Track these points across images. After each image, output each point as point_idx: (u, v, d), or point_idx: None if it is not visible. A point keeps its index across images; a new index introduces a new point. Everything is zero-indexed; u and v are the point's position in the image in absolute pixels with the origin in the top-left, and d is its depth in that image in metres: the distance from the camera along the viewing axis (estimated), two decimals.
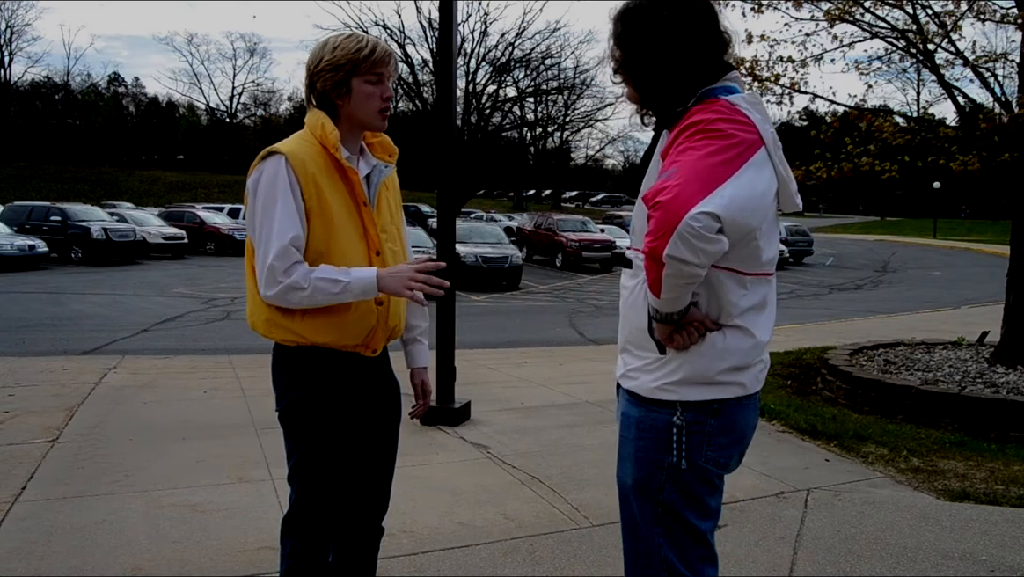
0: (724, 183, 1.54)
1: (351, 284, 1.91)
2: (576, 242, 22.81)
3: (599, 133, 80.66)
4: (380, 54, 2.02)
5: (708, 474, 1.76)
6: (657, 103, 1.80)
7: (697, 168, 1.54)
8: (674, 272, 1.55)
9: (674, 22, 1.72)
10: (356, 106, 2.03)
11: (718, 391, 1.72)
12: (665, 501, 1.76)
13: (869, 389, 5.91)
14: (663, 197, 1.52)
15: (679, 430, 1.73)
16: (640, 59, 1.77)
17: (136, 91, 76.46)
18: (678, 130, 1.65)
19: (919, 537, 3.44)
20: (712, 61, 1.75)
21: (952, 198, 54.64)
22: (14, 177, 48.07)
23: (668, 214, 1.50)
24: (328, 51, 2.02)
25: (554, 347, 9.68)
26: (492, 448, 4.78)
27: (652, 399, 1.76)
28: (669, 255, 1.52)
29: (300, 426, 2.06)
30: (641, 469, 1.78)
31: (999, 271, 9.64)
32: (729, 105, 1.66)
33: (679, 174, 1.54)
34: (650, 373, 1.77)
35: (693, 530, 1.77)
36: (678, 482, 1.74)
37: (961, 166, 7.07)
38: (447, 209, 5.63)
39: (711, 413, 1.73)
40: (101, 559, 3.08)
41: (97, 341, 9.24)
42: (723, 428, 1.75)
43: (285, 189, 1.92)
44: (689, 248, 1.51)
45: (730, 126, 1.61)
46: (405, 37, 40.01)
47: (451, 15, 5.53)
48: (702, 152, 1.56)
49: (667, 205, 1.51)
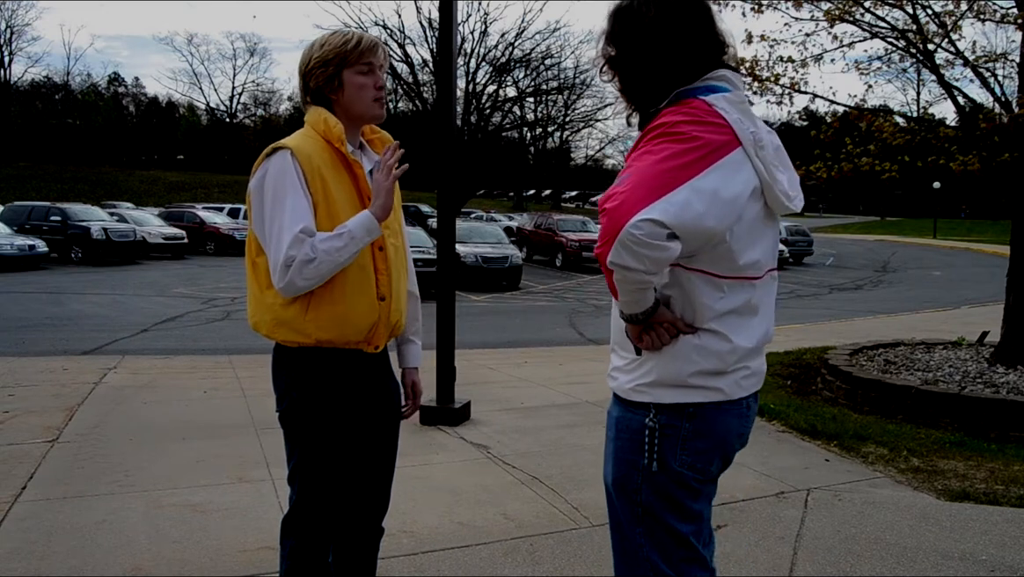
0: (678, 187, 1.51)
1: (353, 230, 1.92)
2: (576, 242, 22.79)
3: (599, 133, 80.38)
4: (367, 44, 2.05)
5: (684, 478, 1.72)
6: (636, 103, 1.79)
7: (648, 174, 1.52)
8: (621, 278, 1.56)
9: (659, 23, 1.69)
10: (350, 98, 2.05)
11: (692, 394, 1.69)
12: (643, 502, 1.74)
13: (869, 389, 5.91)
14: (609, 204, 1.52)
15: (651, 432, 1.71)
16: (622, 59, 1.76)
17: (136, 91, 76.54)
18: (642, 133, 1.64)
19: (919, 537, 3.44)
20: (695, 62, 1.71)
21: (952, 198, 54.63)
22: (14, 177, 48.09)
23: (611, 222, 1.51)
24: (316, 49, 2.05)
25: (554, 347, 9.67)
26: (492, 448, 4.78)
27: (628, 400, 1.76)
28: (612, 262, 1.52)
29: (301, 427, 2.06)
30: (620, 469, 1.78)
31: (999, 271, 9.65)
32: (704, 106, 1.62)
33: (629, 180, 1.53)
34: (628, 373, 1.77)
35: (673, 532, 1.74)
36: (653, 484, 1.73)
37: (961, 166, 7.07)
38: (447, 209, 5.63)
39: (686, 417, 1.70)
40: (101, 559, 3.08)
41: (97, 341, 9.24)
42: (700, 432, 1.71)
43: (294, 182, 1.94)
44: (631, 255, 1.50)
45: (695, 128, 1.57)
46: (405, 37, 40.10)
47: (451, 15, 5.53)
48: (658, 156, 1.54)
49: (611, 213, 1.51)
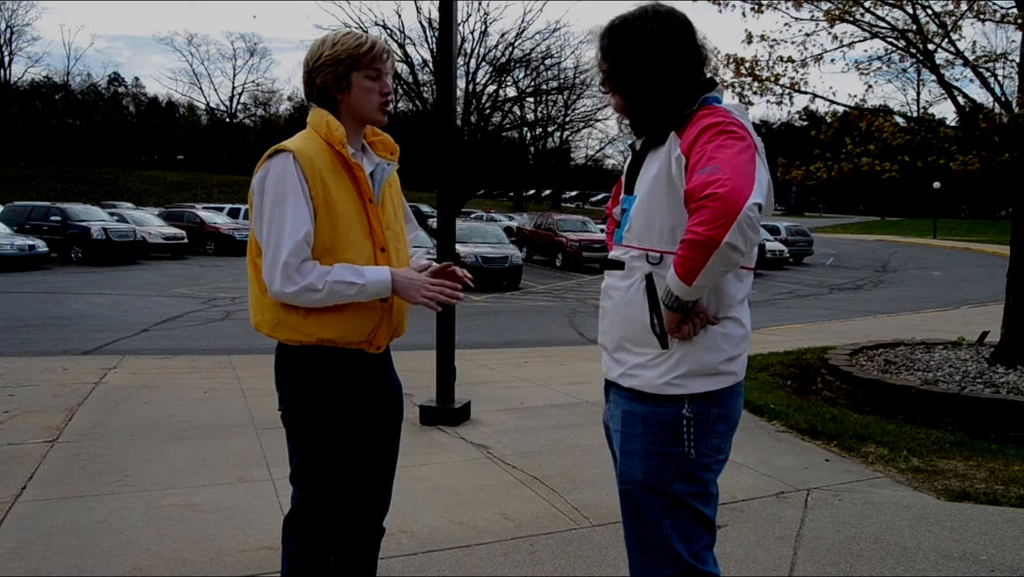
0: (755, 179, 1.64)
1: (366, 287, 1.94)
2: (576, 242, 22.80)
3: (599, 133, 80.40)
4: (379, 50, 2.06)
5: (710, 460, 1.85)
6: (657, 107, 1.86)
7: (737, 163, 1.63)
8: (723, 259, 1.62)
9: (660, 35, 1.84)
10: (356, 100, 2.05)
11: (719, 381, 1.83)
12: (674, 492, 1.83)
13: (869, 389, 5.91)
14: (719, 189, 1.59)
15: (688, 422, 1.81)
16: (631, 69, 1.87)
17: (136, 91, 76.61)
18: (697, 130, 1.73)
19: (919, 537, 3.44)
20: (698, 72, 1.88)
21: (952, 198, 54.68)
22: (14, 177, 48.10)
23: (727, 205, 1.58)
24: (328, 47, 2.04)
25: (554, 347, 9.67)
26: (492, 448, 4.78)
27: (659, 395, 1.82)
28: (729, 243, 1.59)
29: (303, 426, 2.07)
30: (650, 463, 1.84)
31: (999, 271, 9.65)
32: (727, 112, 1.78)
33: (724, 169, 1.61)
34: (654, 369, 1.83)
35: (702, 517, 1.85)
36: (685, 472, 1.83)
37: (961, 166, 7.07)
38: (447, 209, 5.63)
39: (712, 403, 1.83)
40: (101, 559, 3.08)
41: (97, 341, 9.24)
42: (722, 416, 1.86)
43: (295, 185, 1.94)
44: (743, 236, 1.59)
45: (740, 129, 1.71)
46: (405, 37, 40.09)
47: (451, 15, 5.53)
48: (733, 150, 1.65)
49: (726, 196, 1.58)
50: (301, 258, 1.92)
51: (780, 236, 28.00)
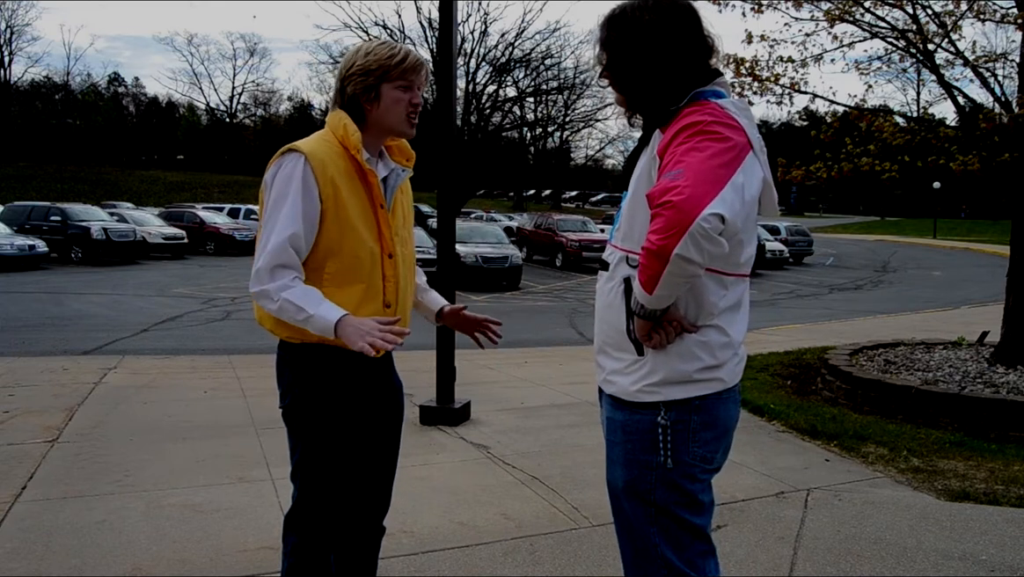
0: (725, 186, 1.55)
1: (313, 318, 1.88)
2: (576, 242, 22.80)
3: (599, 133, 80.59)
4: (411, 62, 2.03)
5: (695, 470, 1.77)
6: (646, 103, 1.80)
7: (702, 168, 1.54)
8: (677, 271, 1.55)
9: (657, 25, 1.75)
10: (384, 111, 2.04)
11: (698, 388, 1.74)
12: (657, 501, 1.77)
13: (869, 389, 5.91)
14: (674, 197, 1.52)
15: (664, 429, 1.75)
16: (626, 61, 1.80)
17: (136, 91, 76.64)
18: (675, 129, 1.65)
19: (919, 537, 3.44)
20: (699, 64, 1.78)
21: (952, 198, 54.66)
22: (14, 177, 48.12)
23: (680, 214, 1.50)
24: (361, 56, 2.03)
25: (554, 347, 9.69)
26: (492, 448, 4.78)
27: (635, 402, 1.77)
28: (679, 254, 1.52)
29: (304, 423, 2.07)
30: (631, 471, 1.79)
31: (999, 271, 9.65)
32: (719, 108, 1.68)
33: (686, 174, 1.54)
34: (629, 376, 1.78)
35: (690, 526, 1.78)
36: (667, 481, 1.76)
37: (961, 166, 7.07)
38: (447, 209, 5.63)
39: (693, 410, 1.75)
40: (101, 559, 3.08)
41: (97, 341, 9.24)
42: (706, 423, 1.77)
43: (297, 188, 1.93)
44: (697, 248, 1.51)
45: (724, 129, 1.62)
46: (405, 37, 39.81)
47: (451, 15, 5.53)
48: (705, 154, 1.57)
49: (680, 205, 1.51)
50: (278, 261, 1.91)
51: (780, 236, 27.99)
